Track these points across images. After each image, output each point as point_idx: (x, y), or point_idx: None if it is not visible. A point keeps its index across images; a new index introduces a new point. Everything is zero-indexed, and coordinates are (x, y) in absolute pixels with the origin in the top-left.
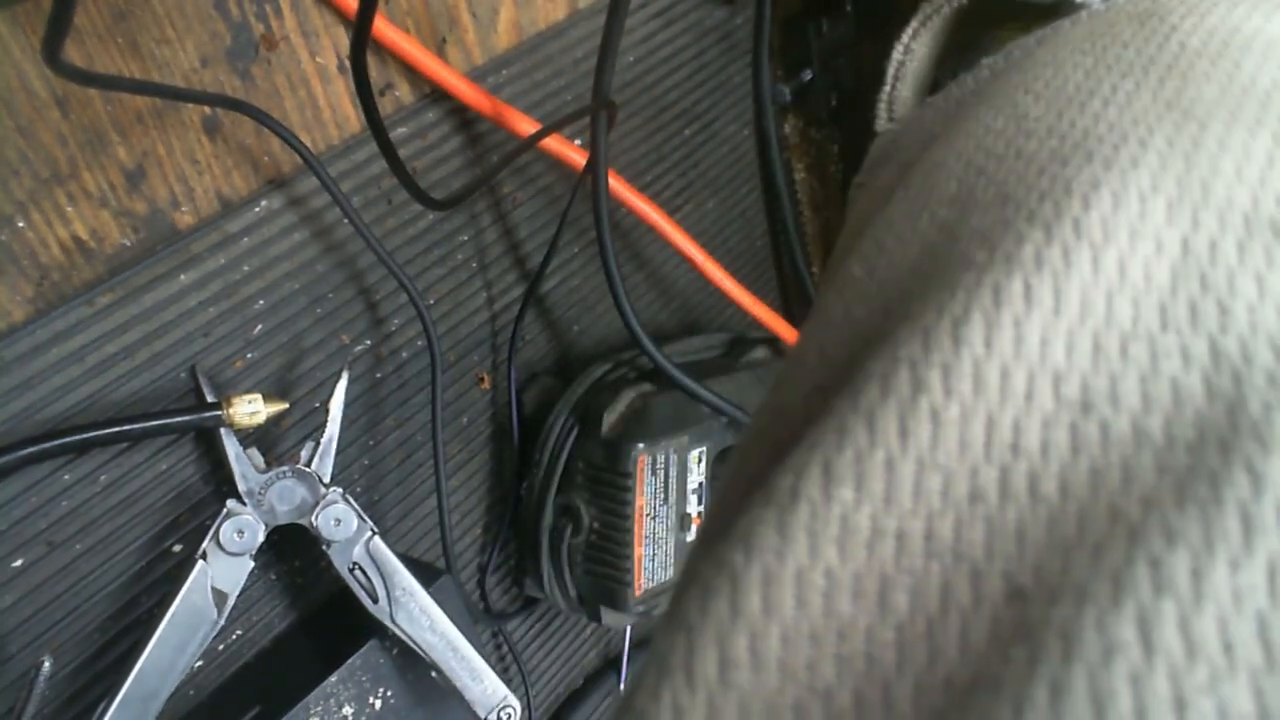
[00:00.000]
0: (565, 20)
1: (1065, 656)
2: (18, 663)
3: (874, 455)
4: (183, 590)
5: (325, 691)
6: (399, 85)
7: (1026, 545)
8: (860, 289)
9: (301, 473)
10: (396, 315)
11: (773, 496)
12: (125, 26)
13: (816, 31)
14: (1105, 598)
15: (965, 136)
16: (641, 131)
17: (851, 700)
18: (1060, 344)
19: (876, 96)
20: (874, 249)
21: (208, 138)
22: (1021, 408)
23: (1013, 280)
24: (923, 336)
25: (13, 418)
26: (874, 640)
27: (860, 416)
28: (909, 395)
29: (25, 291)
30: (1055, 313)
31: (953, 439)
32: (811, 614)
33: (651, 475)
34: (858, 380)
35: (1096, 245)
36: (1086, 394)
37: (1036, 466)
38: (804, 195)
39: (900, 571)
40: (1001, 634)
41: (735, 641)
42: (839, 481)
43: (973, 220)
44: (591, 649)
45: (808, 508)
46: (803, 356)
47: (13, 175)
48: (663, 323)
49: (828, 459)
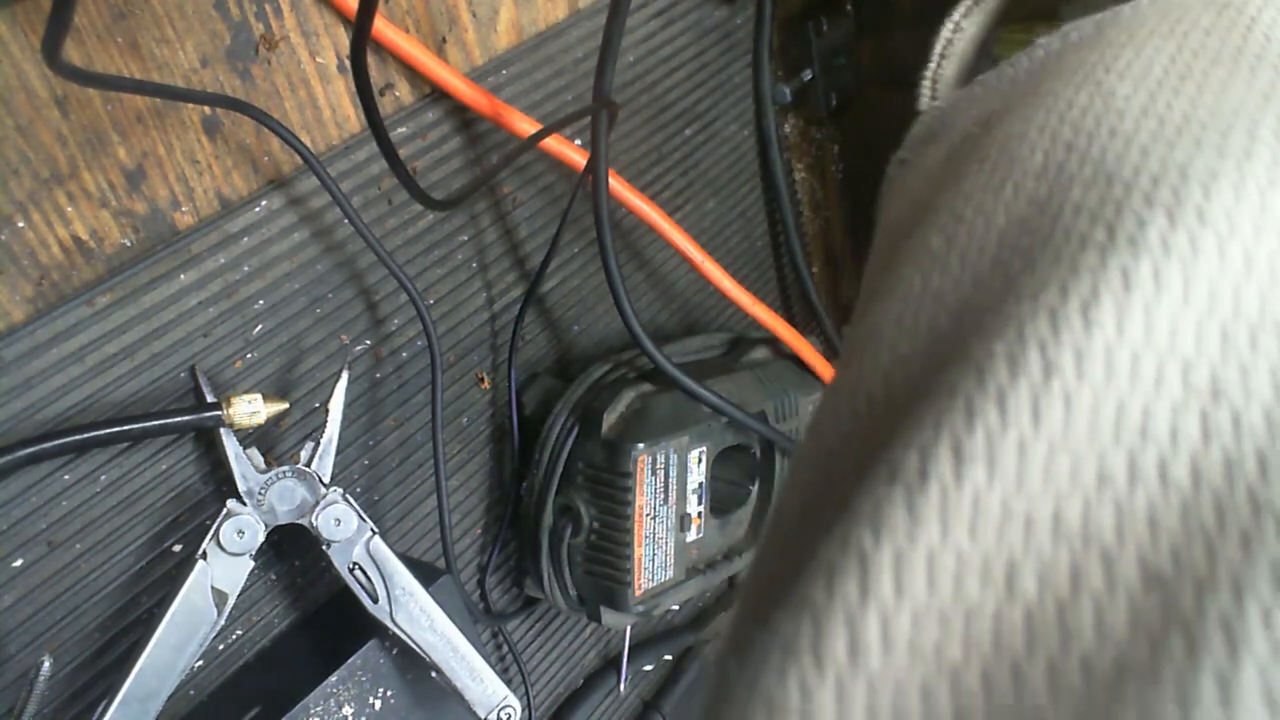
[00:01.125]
0: (565, 20)
1: (1232, 651)
2: (18, 662)
3: (1006, 436)
4: (183, 590)
5: (325, 691)
6: (399, 85)
7: (1160, 532)
8: (940, 260)
9: (301, 473)
10: (396, 315)
11: (899, 475)
12: (125, 26)
13: (816, 31)
14: (1267, 593)
15: (1045, 111)
16: (642, 131)
17: (979, 680)
18: (1189, 332)
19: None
20: (952, 220)
21: (208, 138)
22: (1151, 394)
23: (1140, 264)
24: (1049, 316)
25: (13, 418)
26: (1002, 622)
27: (989, 397)
28: (1041, 377)
29: (25, 291)
30: (1184, 301)
31: (1083, 423)
32: (941, 596)
33: (651, 475)
34: (976, 356)
35: (1222, 235)
36: (1216, 383)
37: (1165, 452)
38: (804, 195)
39: (1028, 554)
40: (1145, 620)
41: (866, 623)
42: (971, 462)
43: (1074, 194)
44: (591, 649)
45: (939, 488)
46: (877, 330)
47: (13, 175)
48: (663, 323)
49: (957, 439)
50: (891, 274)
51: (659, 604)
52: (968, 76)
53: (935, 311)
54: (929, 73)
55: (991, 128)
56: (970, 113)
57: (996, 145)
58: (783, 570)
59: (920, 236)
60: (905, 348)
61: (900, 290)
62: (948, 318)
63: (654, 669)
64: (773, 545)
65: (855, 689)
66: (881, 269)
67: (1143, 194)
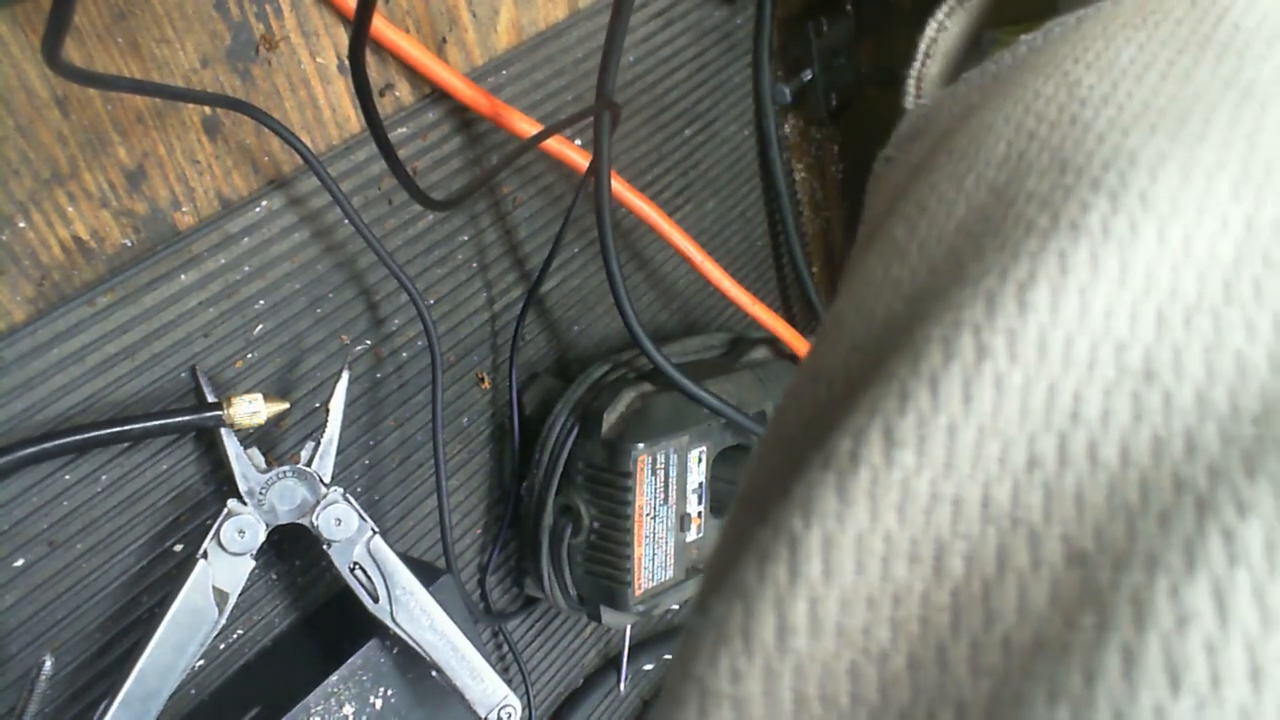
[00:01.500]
0: (565, 20)
1: (1138, 624)
2: (19, 662)
3: (936, 420)
4: (184, 590)
5: (326, 691)
6: (399, 85)
7: (1086, 510)
8: (901, 249)
9: (302, 472)
10: (396, 315)
11: (832, 460)
12: (125, 26)
13: (816, 31)
14: (1178, 567)
15: (1013, 102)
16: (642, 132)
17: (906, 663)
18: (1124, 314)
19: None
20: (916, 210)
21: (208, 138)
22: (1084, 376)
23: (1079, 248)
24: (985, 300)
25: (13, 418)
26: (929, 604)
27: (923, 381)
28: (973, 360)
29: (26, 291)
30: (1120, 283)
31: (1014, 406)
32: (869, 579)
33: (651, 475)
34: (915, 342)
35: (1163, 218)
36: (1150, 364)
37: (1096, 434)
38: (804, 195)
39: (956, 537)
40: (1063, 597)
41: (794, 607)
42: (900, 446)
43: (1028, 183)
44: (591, 649)
45: (869, 472)
46: (840, 317)
47: (13, 175)
48: (663, 323)
49: (889, 423)
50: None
51: (659, 604)
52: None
53: (892, 299)
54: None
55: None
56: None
57: (966, 136)
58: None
59: (887, 226)
60: (862, 336)
61: (864, 278)
62: (902, 305)
63: (654, 669)
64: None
65: (783, 672)
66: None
67: (1091, 179)
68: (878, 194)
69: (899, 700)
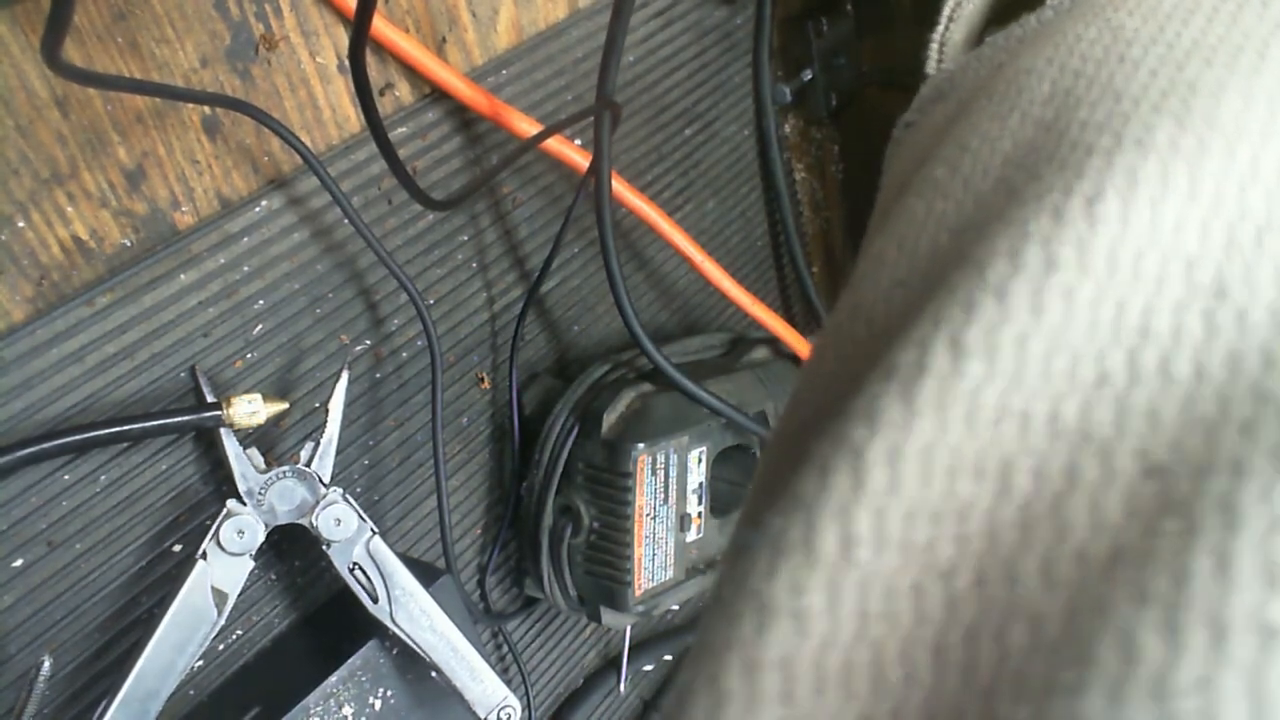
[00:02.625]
0: (566, 20)
1: (1229, 527)
2: (18, 662)
3: (1004, 330)
4: (183, 590)
5: (325, 691)
6: (399, 85)
7: (1159, 424)
8: (943, 187)
9: (301, 473)
10: (396, 315)
11: (894, 371)
12: (125, 26)
13: (816, 31)
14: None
15: (1054, 46)
16: (642, 131)
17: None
18: (1194, 230)
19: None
20: (956, 151)
21: (208, 138)
22: (1153, 291)
23: (1147, 162)
24: (1052, 213)
25: (13, 418)
26: (995, 520)
27: (989, 291)
28: (1041, 271)
29: (25, 291)
30: (1190, 198)
31: (1083, 319)
32: (934, 493)
33: (651, 475)
34: (977, 256)
35: (1230, 138)
36: (1220, 281)
37: (1167, 349)
38: (804, 195)
39: (1023, 452)
40: (1141, 508)
41: (858, 518)
42: (968, 355)
43: (1080, 114)
44: (591, 649)
45: (935, 382)
46: (880, 256)
47: (13, 175)
48: (663, 323)
49: (955, 333)
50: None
51: (659, 604)
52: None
53: (936, 232)
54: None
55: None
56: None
57: (1004, 80)
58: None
59: (925, 171)
60: (905, 270)
61: (904, 218)
62: (948, 237)
63: (654, 669)
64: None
65: (846, 586)
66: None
67: (1151, 104)
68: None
69: (965, 617)
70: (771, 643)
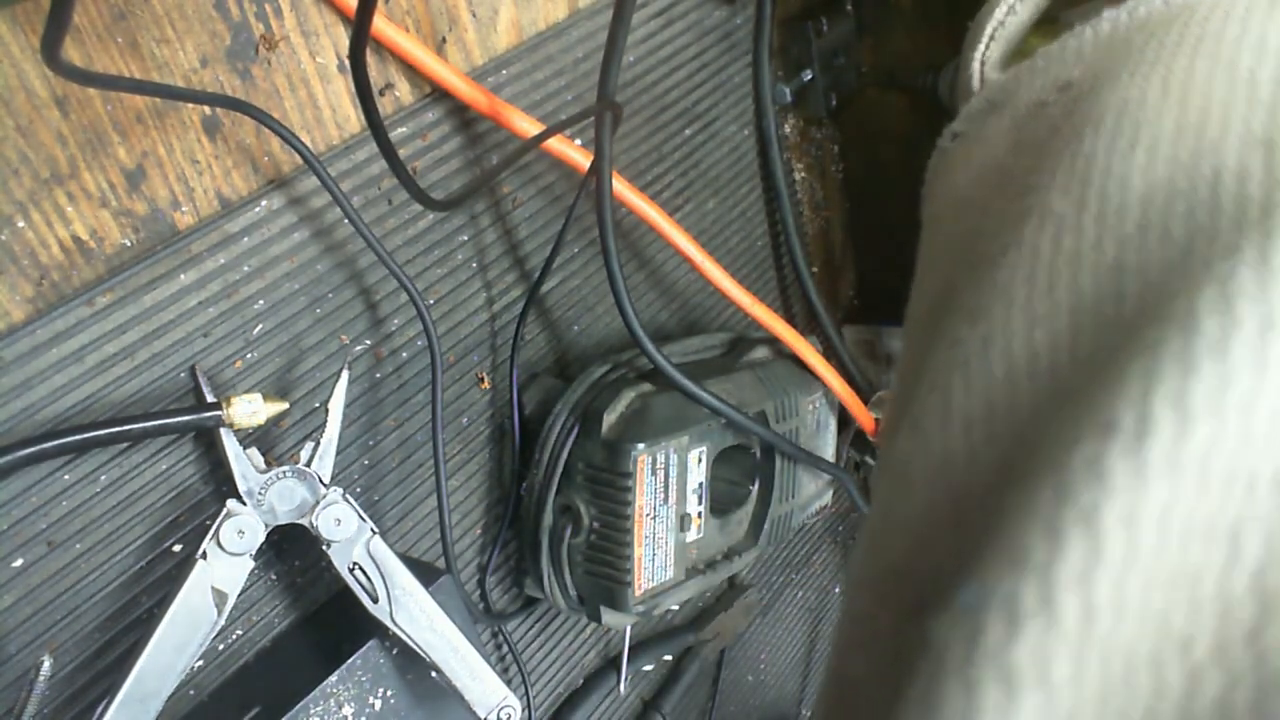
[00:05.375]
0: (566, 20)
1: None
2: (18, 662)
3: (1232, 391)
4: (183, 590)
5: (325, 691)
6: (399, 85)
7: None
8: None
9: (301, 473)
10: (396, 315)
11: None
12: (125, 26)
13: (816, 31)
14: None
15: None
16: (641, 131)
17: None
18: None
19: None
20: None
21: (208, 138)
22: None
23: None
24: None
25: (13, 418)
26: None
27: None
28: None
29: (25, 291)
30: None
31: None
32: (1170, 559)
33: (651, 475)
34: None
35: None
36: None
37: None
38: (804, 195)
39: (1252, 516)
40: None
41: (1098, 587)
42: (1195, 417)
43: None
44: (591, 649)
45: (1164, 443)
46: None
47: (13, 175)
48: (663, 323)
49: (1178, 393)
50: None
51: (659, 604)
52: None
53: (1073, 274)
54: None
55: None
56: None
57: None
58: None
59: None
60: (1041, 308)
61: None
62: (1091, 279)
63: (654, 669)
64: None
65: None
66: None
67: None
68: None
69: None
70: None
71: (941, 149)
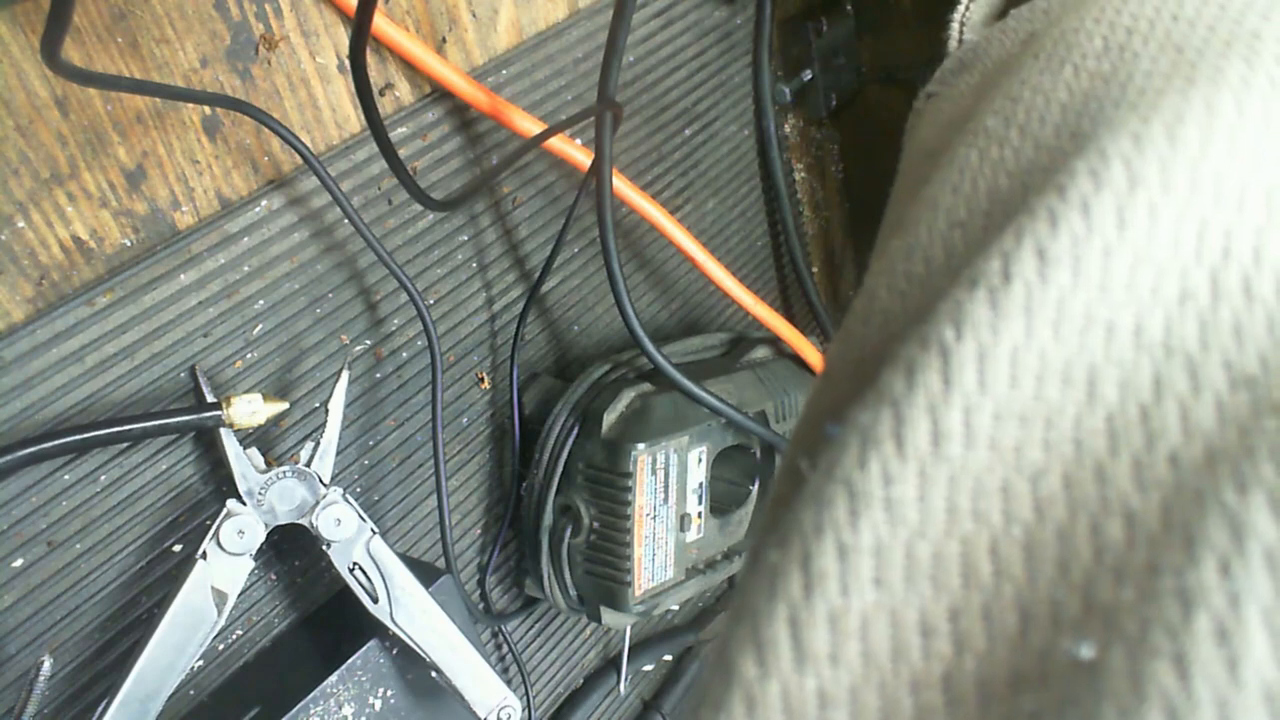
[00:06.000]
0: (565, 20)
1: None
2: (18, 662)
3: (1091, 242)
4: (183, 590)
5: (325, 691)
6: (399, 85)
7: (1245, 340)
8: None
9: (301, 473)
10: (396, 315)
11: (981, 278)
12: (125, 26)
13: (816, 31)
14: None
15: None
16: (641, 131)
17: (1061, 482)
18: (1274, 159)
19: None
20: (1008, 103)
21: (208, 138)
22: (1234, 214)
23: (1220, 97)
24: (1133, 138)
25: (13, 418)
26: (1082, 427)
27: (1073, 206)
28: (1126, 187)
29: (25, 291)
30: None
31: (1167, 236)
32: (1023, 395)
33: (651, 475)
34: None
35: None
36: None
37: (1249, 271)
38: (804, 195)
39: (1109, 362)
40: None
41: (949, 415)
42: (1055, 264)
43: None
44: (591, 649)
45: (1023, 288)
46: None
47: (13, 175)
48: (663, 323)
49: (1041, 244)
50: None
51: (659, 604)
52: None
53: (995, 176)
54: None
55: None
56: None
57: (1050, 39)
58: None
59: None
60: (963, 212)
61: (955, 166)
62: (1007, 179)
63: (654, 669)
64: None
65: (937, 478)
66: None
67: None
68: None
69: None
70: (865, 529)
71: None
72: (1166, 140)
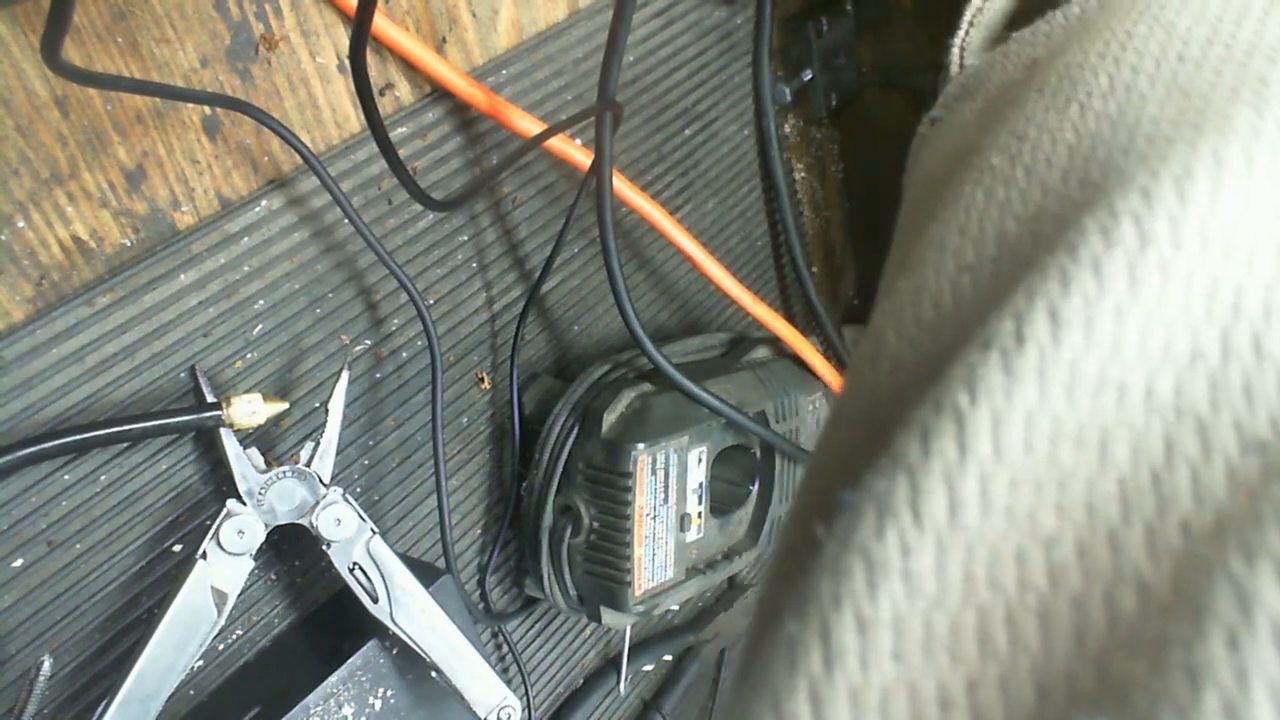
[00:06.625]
0: (565, 20)
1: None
2: (18, 662)
3: (1103, 303)
4: (183, 590)
5: (325, 691)
6: (399, 85)
7: (1256, 401)
8: (1005, 175)
9: (301, 472)
10: (396, 315)
11: (993, 340)
12: (125, 26)
13: (816, 31)
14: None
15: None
16: (641, 131)
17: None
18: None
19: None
20: (1014, 141)
21: (208, 138)
22: (1244, 270)
23: (1229, 148)
24: (1142, 194)
25: (13, 418)
26: (1095, 491)
27: (1084, 266)
28: (1137, 246)
29: (25, 291)
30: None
31: (1178, 294)
32: (1036, 460)
33: (651, 475)
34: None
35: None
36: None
37: (1259, 327)
38: (804, 195)
39: (1121, 424)
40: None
41: (965, 483)
42: (1067, 326)
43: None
44: (591, 649)
45: (1036, 351)
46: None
47: (13, 175)
48: (663, 323)
49: (1053, 304)
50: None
51: (659, 604)
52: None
53: (1002, 219)
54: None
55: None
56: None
57: (1055, 74)
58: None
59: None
60: (971, 256)
61: (961, 205)
62: (1016, 225)
63: (654, 669)
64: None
65: (954, 547)
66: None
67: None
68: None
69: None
70: (883, 601)
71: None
72: (1176, 196)
